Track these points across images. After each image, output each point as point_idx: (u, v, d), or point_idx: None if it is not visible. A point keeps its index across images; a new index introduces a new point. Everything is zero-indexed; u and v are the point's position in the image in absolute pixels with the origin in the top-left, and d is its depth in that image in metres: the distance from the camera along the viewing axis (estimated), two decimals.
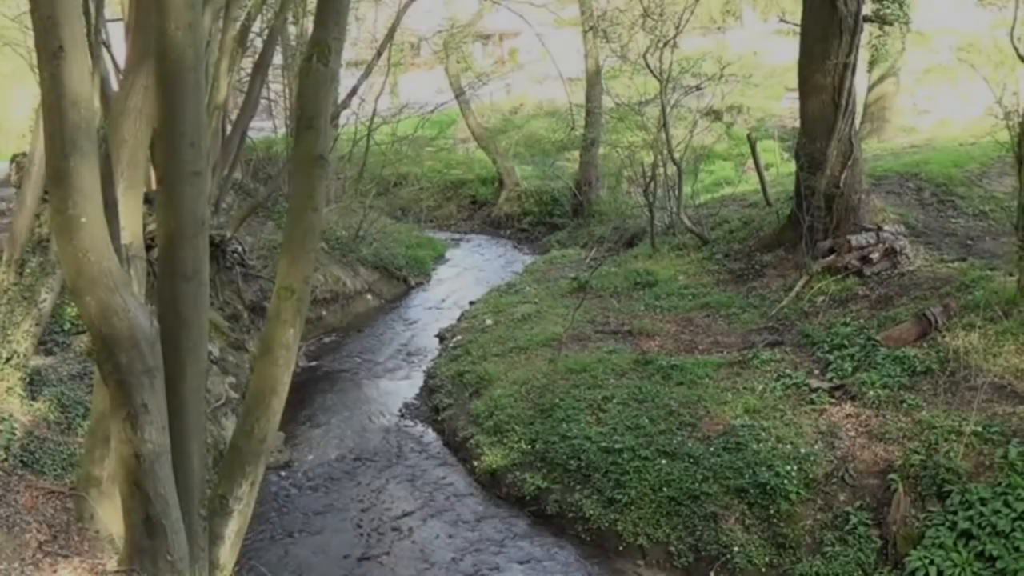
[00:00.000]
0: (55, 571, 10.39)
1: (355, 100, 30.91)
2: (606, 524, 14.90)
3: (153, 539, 9.01)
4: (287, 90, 35.91)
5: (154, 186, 9.59)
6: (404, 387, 22.00)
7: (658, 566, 14.27)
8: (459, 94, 42.86)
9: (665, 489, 14.94)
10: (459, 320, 25.91)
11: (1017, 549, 12.18)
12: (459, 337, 23.59)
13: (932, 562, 12.55)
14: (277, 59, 32.88)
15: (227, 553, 10.01)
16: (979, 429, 13.91)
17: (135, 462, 8.71)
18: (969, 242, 22.44)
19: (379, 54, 31.95)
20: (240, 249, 24.15)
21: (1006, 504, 12.74)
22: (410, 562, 14.56)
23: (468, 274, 33.38)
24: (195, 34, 8.53)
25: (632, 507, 14.92)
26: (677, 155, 27.94)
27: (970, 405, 14.41)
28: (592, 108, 37.29)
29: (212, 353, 18.90)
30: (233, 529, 9.98)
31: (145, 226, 11.13)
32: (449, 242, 38.59)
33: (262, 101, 31.30)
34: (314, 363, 23.85)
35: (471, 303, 27.52)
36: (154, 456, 8.72)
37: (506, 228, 41.04)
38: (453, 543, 15.08)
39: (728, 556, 13.83)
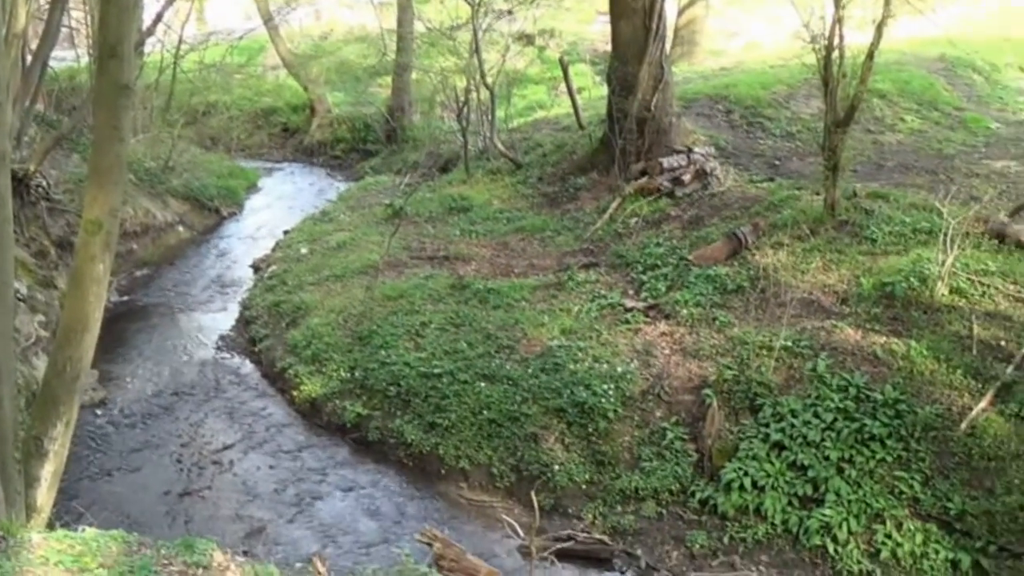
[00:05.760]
0: None
1: (160, 27, 30.06)
2: (427, 448, 15.01)
3: None
4: (89, 18, 34.60)
5: None
6: (220, 319, 21.64)
7: (481, 488, 14.47)
8: (267, 20, 41.85)
9: (485, 412, 15.12)
10: (274, 250, 25.51)
11: (827, 458, 12.75)
12: (274, 267, 23.27)
13: (746, 473, 13.04)
14: None
15: (44, 495, 9.80)
16: (789, 344, 14.43)
17: None
18: (777, 163, 23.04)
19: None
20: (44, 183, 23.32)
21: (816, 415, 13.30)
22: (232, 495, 14.45)
23: (281, 203, 32.83)
24: None
25: (453, 431, 15.06)
26: (490, 80, 27.90)
27: (780, 321, 14.90)
28: (403, 33, 36.85)
29: (19, 291, 18.31)
30: (49, 471, 9.77)
31: None
32: (261, 171, 37.79)
33: (63, 29, 30.19)
34: (126, 298, 23.28)
35: (285, 232, 27.11)
36: None
37: (319, 156, 40.43)
38: (275, 474, 15.03)
39: (549, 475, 14.10)
